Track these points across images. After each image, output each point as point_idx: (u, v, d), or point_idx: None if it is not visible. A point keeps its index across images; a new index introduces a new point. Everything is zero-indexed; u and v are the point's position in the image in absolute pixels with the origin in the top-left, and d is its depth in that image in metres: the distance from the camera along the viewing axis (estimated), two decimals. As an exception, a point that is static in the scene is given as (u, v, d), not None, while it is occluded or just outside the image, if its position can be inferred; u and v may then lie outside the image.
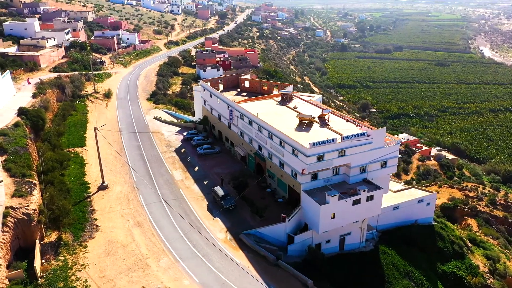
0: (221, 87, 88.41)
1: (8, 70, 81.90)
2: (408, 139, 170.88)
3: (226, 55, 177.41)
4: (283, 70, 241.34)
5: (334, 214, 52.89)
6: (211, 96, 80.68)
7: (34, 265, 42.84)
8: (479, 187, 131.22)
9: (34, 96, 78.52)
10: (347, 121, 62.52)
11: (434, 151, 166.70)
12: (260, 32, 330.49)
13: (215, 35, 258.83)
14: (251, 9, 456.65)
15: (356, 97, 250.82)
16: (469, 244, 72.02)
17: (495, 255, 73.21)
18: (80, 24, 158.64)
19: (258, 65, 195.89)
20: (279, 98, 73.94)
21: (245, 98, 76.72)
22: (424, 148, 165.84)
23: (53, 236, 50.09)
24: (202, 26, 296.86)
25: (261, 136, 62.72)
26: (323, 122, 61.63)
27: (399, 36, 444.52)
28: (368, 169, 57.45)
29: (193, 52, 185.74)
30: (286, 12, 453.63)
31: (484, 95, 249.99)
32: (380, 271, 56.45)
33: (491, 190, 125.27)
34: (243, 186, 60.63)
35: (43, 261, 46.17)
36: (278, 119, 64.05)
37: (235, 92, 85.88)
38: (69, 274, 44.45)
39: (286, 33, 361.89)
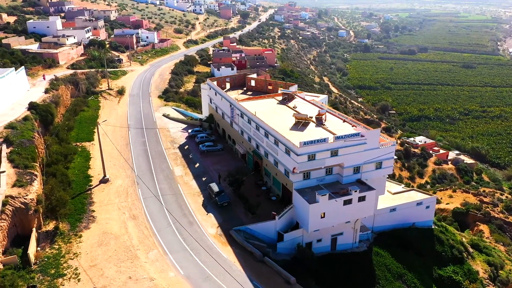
0: (228, 85, 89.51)
1: (23, 67, 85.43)
2: (425, 142, 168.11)
3: (243, 55, 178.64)
4: (302, 70, 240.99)
5: (324, 213, 53.12)
6: (216, 94, 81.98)
7: (28, 252, 44.98)
8: (496, 192, 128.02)
9: (46, 91, 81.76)
10: (344, 121, 62.49)
11: (452, 154, 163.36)
12: (281, 32, 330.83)
13: (235, 35, 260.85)
14: (274, 8, 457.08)
15: (376, 98, 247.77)
16: (471, 250, 70.70)
17: (498, 261, 71.62)
18: (101, 23, 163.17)
19: (275, 64, 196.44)
20: (280, 98, 74.45)
21: (247, 96, 77.58)
22: (442, 151, 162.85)
23: (50, 226, 52.25)
24: (224, 26, 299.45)
25: (259, 134, 63.47)
26: (319, 122, 61.82)
27: (425, 37, 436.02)
28: (362, 169, 57.34)
29: (211, 51, 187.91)
30: (309, 12, 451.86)
31: (510, 99, 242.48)
32: (371, 273, 56.28)
33: (509, 196, 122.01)
34: (239, 183, 61.48)
35: (39, 248, 48.36)
36: (276, 118, 64.64)
37: (241, 91, 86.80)
38: (61, 262, 46.43)
39: (308, 33, 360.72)
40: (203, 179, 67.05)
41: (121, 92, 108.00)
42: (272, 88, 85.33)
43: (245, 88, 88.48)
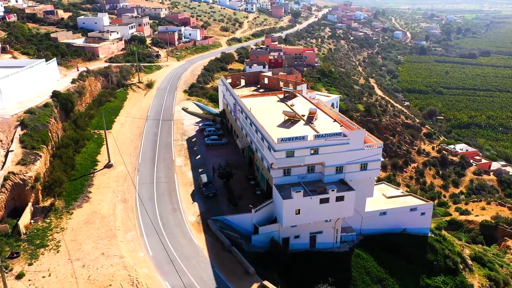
0: (242, 82, 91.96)
1: (54, 59, 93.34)
2: (466, 150, 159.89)
3: (281, 53, 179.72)
4: (346, 71, 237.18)
5: (299, 210, 53.82)
6: (226, 90, 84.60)
7: (18, 223, 50.31)
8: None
9: (72, 82, 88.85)
10: (334, 121, 62.44)
11: (496, 165, 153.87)
12: (332, 32, 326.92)
13: (281, 34, 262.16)
14: (329, 8, 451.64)
15: (424, 103, 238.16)
16: (470, 262, 67.53)
17: (501, 277, 67.73)
18: (146, 20, 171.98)
19: (316, 64, 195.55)
20: (282, 95, 75.51)
21: (252, 93, 79.37)
22: (484, 161, 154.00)
23: (48, 202, 57.66)
24: (273, 25, 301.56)
25: (252, 130, 65.17)
26: (309, 120, 62.32)
27: (490, 40, 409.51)
28: (345, 170, 57.17)
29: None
30: (365, 12, 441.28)
31: None
32: (347, 274, 56.09)
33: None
34: (228, 176, 63.60)
35: (32, 221, 53.76)
36: (270, 115, 65.98)
37: (254, 88, 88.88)
38: (48, 234, 51.40)
39: (361, 33, 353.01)
40: (200, 170, 69.96)
41: (150, 85, 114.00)
42: (284, 85, 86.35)
43: (258, 86, 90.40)
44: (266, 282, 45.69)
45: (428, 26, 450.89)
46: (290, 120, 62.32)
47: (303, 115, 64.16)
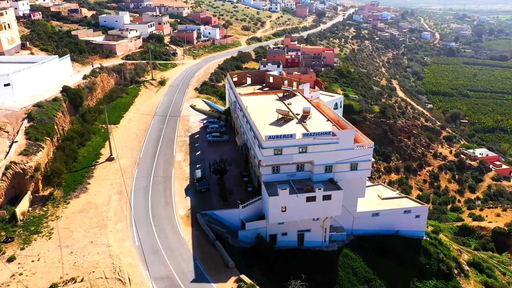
0: (249, 81, 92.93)
1: (68, 55, 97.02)
2: (486, 155, 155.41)
3: (299, 53, 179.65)
4: (368, 72, 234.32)
5: (285, 207, 54.39)
6: (230, 88, 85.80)
7: (15, 210, 53.07)
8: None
9: (84, 77, 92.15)
10: (327, 120, 62.50)
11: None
12: (357, 32, 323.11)
13: (303, 34, 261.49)
14: (355, 8, 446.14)
15: (448, 105, 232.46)
16: (466, 267, 66.13)
17: (499, 285, 66.01)
18: (165, 18, 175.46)
19: (335, 64, 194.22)
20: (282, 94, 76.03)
21: (252, 91, 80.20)
22: (504, 166, 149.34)
23: (47, 191, 60.44)
24: (297, 24, 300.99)
25: (247, 127, 66.06)
26: (302, 119, 62.66)
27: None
28: (335, 169, 57.26)
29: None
30: (392, 12, 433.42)
31: None
32: (333, 273, 56.20)
33: None
34: (222, 172, 64.74)
35: (30, 209, 56.51)
36: (266, 113, 66.65)
37: (259, 87, 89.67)
38: (43, 221, 53.95)
39: (387, 34, 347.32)
40: (197, 166, 71.44)
41: (162, 82, 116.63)
42: (288, 85, 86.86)
43: (264, 84, 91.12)
44: (243, 276, 46.56)
45: (459, 27, 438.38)
46: (284, 119, 62.86)
47: (298, 114, 64.54)
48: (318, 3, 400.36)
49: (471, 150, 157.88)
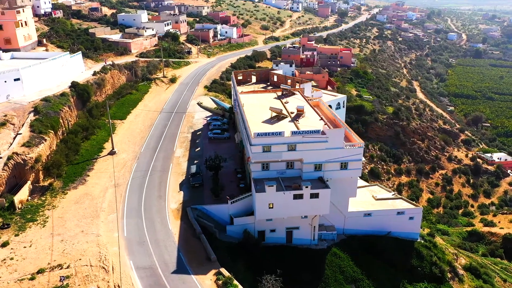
0: (254, 79, 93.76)
1: (80, 52, 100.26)
2: (505, 160, 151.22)
3: (315, 53, 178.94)
4: (387, 73, 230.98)
5: (272, 204, 54.95)
6: (233, 86, 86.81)
7: (14, 198, 55.64)
8: None
9: (94, 74, 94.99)
10: (320, 119, 62.60)
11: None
12: (379, 33, 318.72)
13: (324, 33, 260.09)
14: (380, 8, 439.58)
15: (470, 108, 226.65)
16: (461, 272, 64.87)
17: (495, 291, 64.59)
18: (183, 17, 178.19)
19: (352, 64, 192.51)
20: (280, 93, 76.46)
21: (252, 90, 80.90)
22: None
23: (48, 182, 62.96)
24: (317, 24, 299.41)
25: (242, 125, 66.90)
26: (295, 117, 62.99)
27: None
28: (324, 168, 57.37)
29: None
30: (418, 12, 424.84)
31: None
32: (320, 271, 56.37)
33: None
34: (216, 168, 65.82)
35: (29, 198, 59.07)
36: (262, 111, 67.16)
37: (263, 85, 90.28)
38: (40, 210, 56.38)
39: (411, 34, 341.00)
40: (195, 161, 72.76)
41: (173, 80, 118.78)
42: (291, 83, 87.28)
43: (268, 83, 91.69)
44: (222, 269, 47.47)
45: (487, 28, 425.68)
46: (277, 117, 63.33)
47: (292, 112, 64.91)
48: (341, 3, 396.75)
49: (489, 154, 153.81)
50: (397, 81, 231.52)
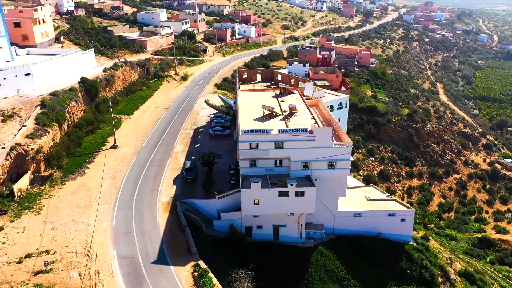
0: (259, 78, 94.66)
1: (92, 49, 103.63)
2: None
3: (332, 53, 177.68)
4: (409, 74, 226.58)
5: (257, 200, 55.66)
6: (236, 84, 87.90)
7: (13, 186, 58.58)
8: None
9: (104, 70, 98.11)
10: (312, 118, 62.77)
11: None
12: (405, 33, 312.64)
13: (346, 34, 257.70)
14: (408, 8, 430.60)
15: (496, 112, 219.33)
16: (453, 277, 63.62)
17: (489, 298, 63.01)
18: (201, 16, 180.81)
19: (371, 65, 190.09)
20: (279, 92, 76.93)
21: (252, 88, 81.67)
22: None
23: (48, 172, 65.85)
24: (341, 24, 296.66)
25: (237, 122, 67.84)
26: (286, 116, 63.39)
27: None
28: (312, 166, 57.57)
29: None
30: (447, 12, 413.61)
31: None
32: (304, 269, 56.63)
33: None
34: (210, 164, 67.07)
35: (29, 187, 61.98)
36: (257, 109, 67.73)
37: (267, 84, 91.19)
38: (37, 199, 59.14)
39: (438, 35, 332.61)
40: (192, 157, 74.26)
41: (185, 77, 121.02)
42: (293, 83, 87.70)
43: (273, 82, 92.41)
44: (200, 262, 48.58)
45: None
46: (269, 115, 63.91)
47: (286, 111, 65.35)
48: (368, 3, 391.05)
49: (509, 160, 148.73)
50: (419, 83, 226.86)
